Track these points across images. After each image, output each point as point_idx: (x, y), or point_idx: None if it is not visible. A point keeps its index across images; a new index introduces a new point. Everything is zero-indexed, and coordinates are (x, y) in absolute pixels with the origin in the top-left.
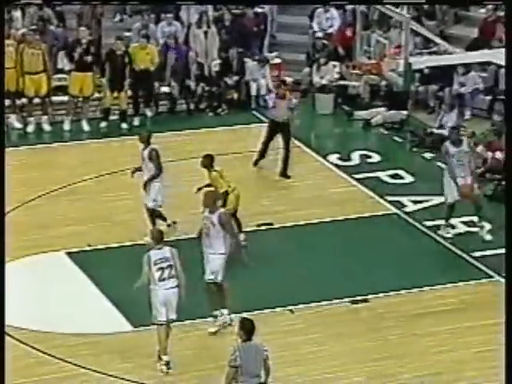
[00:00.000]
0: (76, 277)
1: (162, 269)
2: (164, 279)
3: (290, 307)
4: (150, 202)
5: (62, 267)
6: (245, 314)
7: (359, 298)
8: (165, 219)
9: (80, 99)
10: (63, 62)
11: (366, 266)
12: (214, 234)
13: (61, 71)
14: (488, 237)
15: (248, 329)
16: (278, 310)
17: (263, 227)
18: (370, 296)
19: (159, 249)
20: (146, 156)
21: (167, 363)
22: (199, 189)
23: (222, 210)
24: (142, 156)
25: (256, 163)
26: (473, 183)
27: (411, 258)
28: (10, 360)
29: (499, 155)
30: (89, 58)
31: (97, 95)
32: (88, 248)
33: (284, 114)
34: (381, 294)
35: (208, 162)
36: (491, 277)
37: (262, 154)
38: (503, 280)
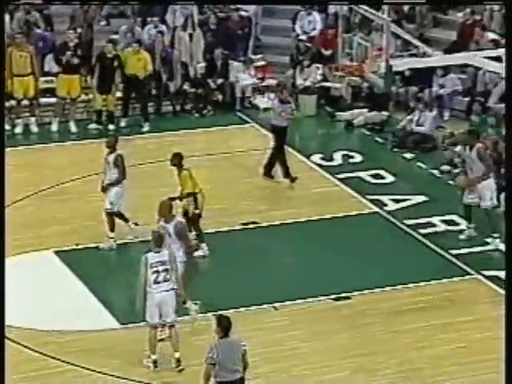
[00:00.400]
0: (64, 275)
1: (157, 272)
2: (159, 282)
3: (274, 304)
4: (108, 204)
5: (50, 266)
6: (230, 311)
7: (341, 295)
8: (127, 220)
9: (67, 101)
10: (50, 65)
11: (348, 264)
12: (170, 244)
13: (48, 74)
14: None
15: (225, 326)
16: (263, 307)
17: (250, 226)
18: (351, 293)
19: (158, 252)
20: (111, 161)
21: (155, 362)
22: (172, 199)
23: (179, 219)
24: (106, 160)
25: (287, 175)
26: (473, 181)
27: (392, 255)
28: None
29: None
30: (75, 61)
31: (84, 97)
32: (76, 247)
33: (285, 120)
34: (363, 292)
35: (177, 160)
36: (469, 274)
37: (285, 164)
38: (481, 277)
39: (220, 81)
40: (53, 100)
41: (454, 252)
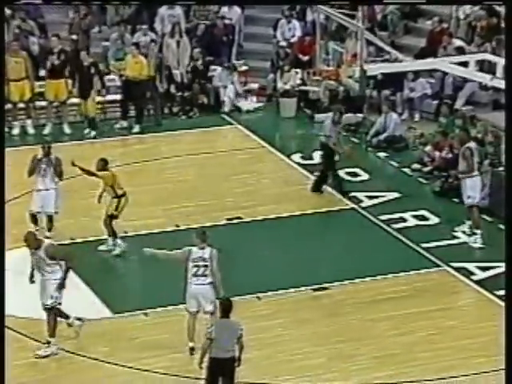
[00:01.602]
0: None
1: (197, 266)
2: (197, 275)
3: (258, 295)
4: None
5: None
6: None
7: (321, 286)
8: (36, 223)
9: (56, 103)
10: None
11: (327, 257)
12: (46, 268)
13: (42, 78)
14: (478, 244)
15: (224, 307)
16: (246, 297)
17: (234, 221)
18: (330, 284)
19: (201, 248)
20: (45, 164)
21: (192, 349)
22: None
23: (47, 242)
24: (40, 164)
25: (317, 189)
26: None
27: (367, 249)
28: None
29: (445, 154)
30: (59, 65)
31: (76, 100)
32: (70, 241)
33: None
34: (340, 283)
35: (102, 165)
36: (439, 266)
37: (323, 178)
38: (449, 269)
39: (205, 84)
40: (45, 103)
41: (424, 245)
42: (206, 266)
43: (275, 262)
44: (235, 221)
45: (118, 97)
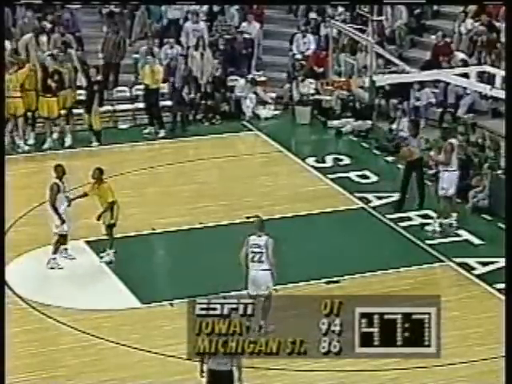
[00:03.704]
0: (93, 262)
1: (254, 253)
2: (254, 261)
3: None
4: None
5: (81, 253)
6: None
7: (332, 279)
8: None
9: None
10: (81, 81)
11: (338, 253)
12: None
13: (80, 88)
14: (437, 229)
15: None
16: None
17: (253, 219)
18: (341, 277)
19: (259, 236)
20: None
21: (260, 327)
22: (73, 199)
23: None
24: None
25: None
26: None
27: (376, 245)
28: (36, 331)
29: None
30: (53, 85)
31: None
32: (102, 237)
33: (416, 152)
34: (351, 276)
35: (98, 174)
36: (442, 261)
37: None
38: (452, 264)
39: (226, 94)
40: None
41: (429, 242)
42: (261, 252)
43: (291, 257)
44: (253, 219)
45: (130, 106)
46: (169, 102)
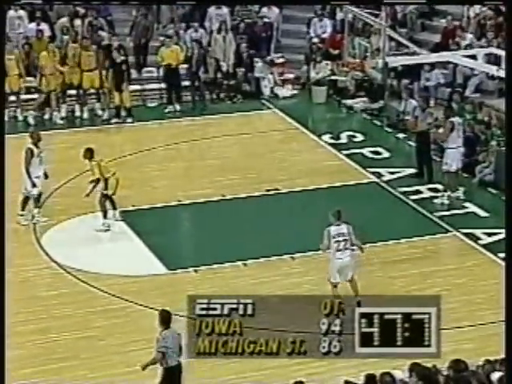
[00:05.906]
0: (123, 231)
1: (338, 241)
2: (340, 250)
3: (292, 255)
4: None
5: (113, 223)
6: (253, 261)
7: None
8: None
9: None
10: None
11: (352, 222)
12: None
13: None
14: (445, 202)
15: (163, 318)
16: (283, 257)
17: (272, 192)
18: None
19: (338, 225)
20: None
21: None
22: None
23: None
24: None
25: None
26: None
27: (388, 216)
28: (71, 294)
29: None
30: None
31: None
32: (132, 208)
33: (422, 125)
34: (365, 245)
35: (88, 154)
36: (449, 231)
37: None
38: (459, 234)
39: (247, 74)
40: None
41: (438, 214)
42: (345, 240)
43: (307, 226)
44: (273, 192)
45: (157, 86)
46: (187, 83)
